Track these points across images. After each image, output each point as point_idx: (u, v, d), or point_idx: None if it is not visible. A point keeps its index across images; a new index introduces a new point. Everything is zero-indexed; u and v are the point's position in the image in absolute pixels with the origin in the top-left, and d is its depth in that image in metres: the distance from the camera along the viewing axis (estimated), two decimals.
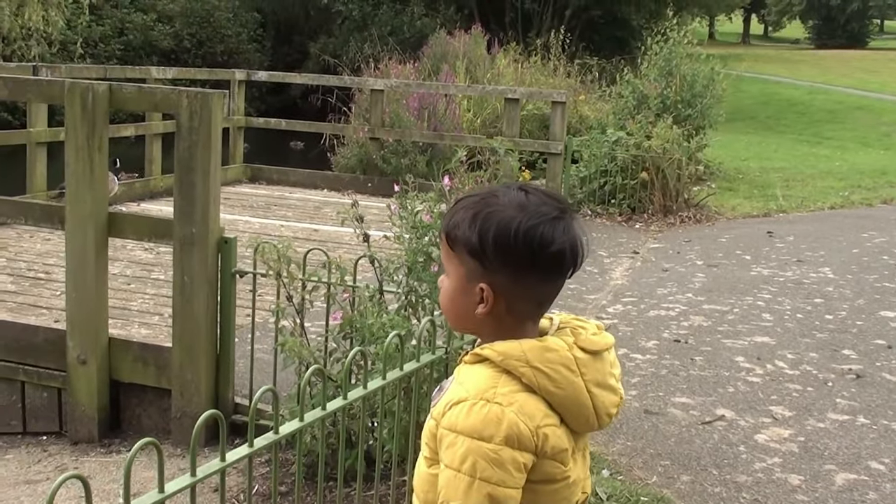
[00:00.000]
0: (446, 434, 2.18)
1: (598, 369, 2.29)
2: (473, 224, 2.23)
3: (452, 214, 2.31)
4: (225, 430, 3.15)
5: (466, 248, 2.23)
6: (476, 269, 2.24)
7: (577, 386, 2.23)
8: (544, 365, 2.20)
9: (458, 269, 2.27)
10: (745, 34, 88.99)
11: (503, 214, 2.22)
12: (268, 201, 14.15)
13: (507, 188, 2.30)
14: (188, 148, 5.82)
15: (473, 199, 2.30)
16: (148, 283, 8.89)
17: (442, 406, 2.23)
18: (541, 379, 2.19)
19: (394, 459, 4.28)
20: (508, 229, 2.19)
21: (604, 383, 2.29)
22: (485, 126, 19.09)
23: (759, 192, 16.96)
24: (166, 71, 15.35)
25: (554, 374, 2.20)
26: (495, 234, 2.20)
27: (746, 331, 8.31)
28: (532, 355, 2.21)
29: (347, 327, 5.13)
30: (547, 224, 2.21)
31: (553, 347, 2.23)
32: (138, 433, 6.44)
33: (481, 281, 2.24)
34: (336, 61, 27.22)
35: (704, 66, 17.97)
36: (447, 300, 2.34)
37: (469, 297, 2.27)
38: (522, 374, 2.19)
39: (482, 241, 2.21)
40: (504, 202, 2.25)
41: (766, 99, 37.60)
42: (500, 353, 2.22)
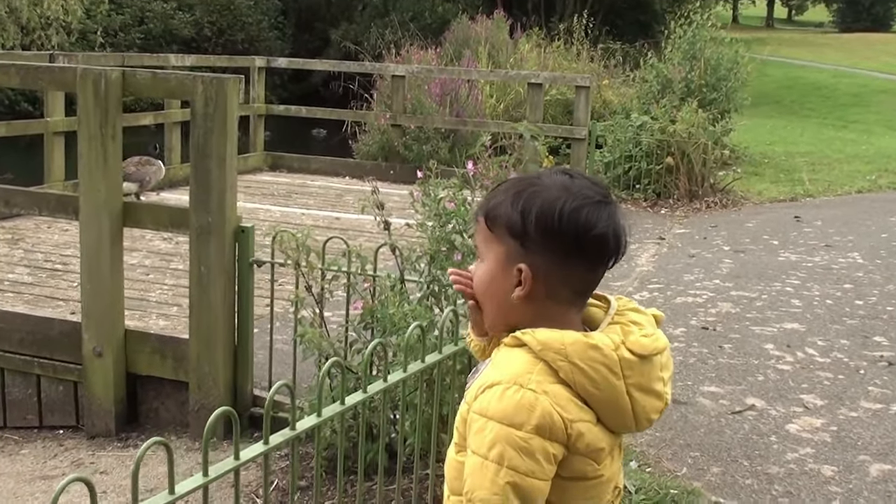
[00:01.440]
0: (476, 419, 2.10)
1: (645, 373, 2.18)
2: (516, 202, 2.17)
3: (493, 195, 2.25)
4: (238, 428, 3.02)
5: (507, 226, 2.17)
6: (516, 249, 2.17)
7: (617, 389, 2.13)
8: (584, 362, 2.10)
9: (497, 250, 2.20)
10: (769, 18, 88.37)
11: (547, 194, 2.16)
12: (289, 189, 14.03)
13: (551, 171, 2.24)
14: (203, 135, 5.68)
15: (516, 181, 2.25)
16: (167, 273, 8.78)
17: (475, 389, 2.15)
18: (578, 376, 2.10)
19: (416, 453, 4.16)
20: (553, 209, 2.13)
21: (648, 388, 2.19)
22: (508, 111, 18.95)
23: (786, 177, 16.78)
24: (185, 58, 15.21)
25: (594, 374, 2.11)
26: (538, 213, 2.14)
27: (775, 317, 8.17)
28: (573, 350, 2.11)
29: (368, 317, 5.00)
30: (591, 207, 2.15)
31: (598, 346, 2.13)
32: (156, 427, 6.35)
33: (520, 262, 2.16)
34: (357, 48, 27.07)
35: (729, 50, 17.82)
36: (483, 285, 2.25)
37: (506, 280, 2.19)
38: (560, 368, 2.10)
39: (524, 220, 2.15)
40: (548, 183, 2.19)
41: (791, 83, 37.35)
42: (540, 342, 2.12)
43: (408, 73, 15.85)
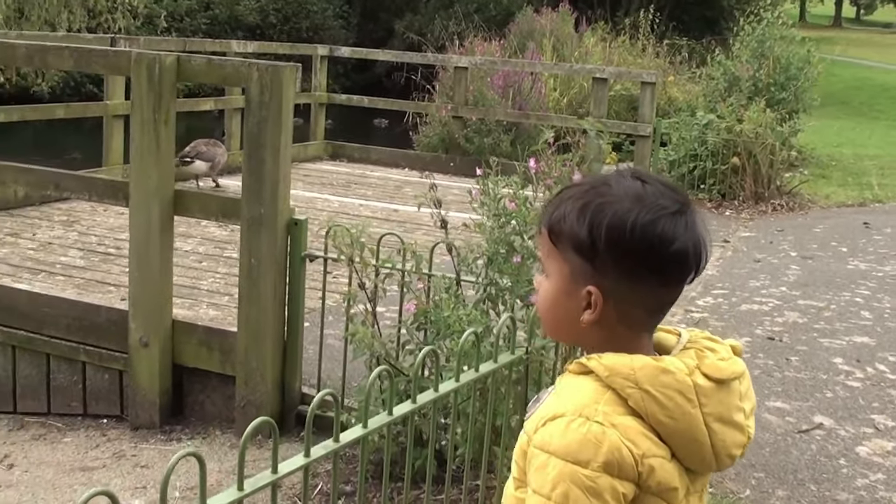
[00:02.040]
0: (536, 454, 1.89)
1: (723, 401, 1.97)
2: (582, 216, 1.94)
3: (557, 205, 2.01)
4: (277, 439, 2.82)
5: (573, 243, 1.95)
6: (583, 268, 1.96)
7: (693, 419, 1.92)
8: (656, 389, 1.90)
9: (562, 267, 1.99)
10: (837, 17, 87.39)
11: (617, 206, 1.93)
12: (348, 179, 13.86)
13: (621, 176, 2.00)
14: (257, 123, 5.50)
15: (582, 189, 2.00)
16: (220, 261, 8.62)
17: (536, 420, 1.95)
18: (650, 404, 1.89)
19: (466, 464, 3.97)
20: (624, 223, 1.91)
21: (727, 419, 1.97)
22: (571, 106, 18.80)
23: (854, 180, 16.47)
24: (247, 45, 15.09)
25: (666, 402, 1.90)
26: (608, 229, 1.91)
27: (844, 329, 7.89)
28: (643, 375, 1.90)
29: (422, 318, 4.81)
30: (667, 219, 1.93)
31: (670, 370, 1.92)
32: (201, 420, 6.20)
33: (589, 283, 1.95)
34: (421, 39, 26.96)
35: (800, 49, 17.50)
36: (547, 304, 2.05)
37: (573, 302, 1.98)
38: (629, 396, 1.90)
39: (593, 237, 1.92)
40: (618, 192, 1.95)
41: (859, 84, 36.85)
42: (607, 368, 1.92)
43: (470, 64, 15.66)
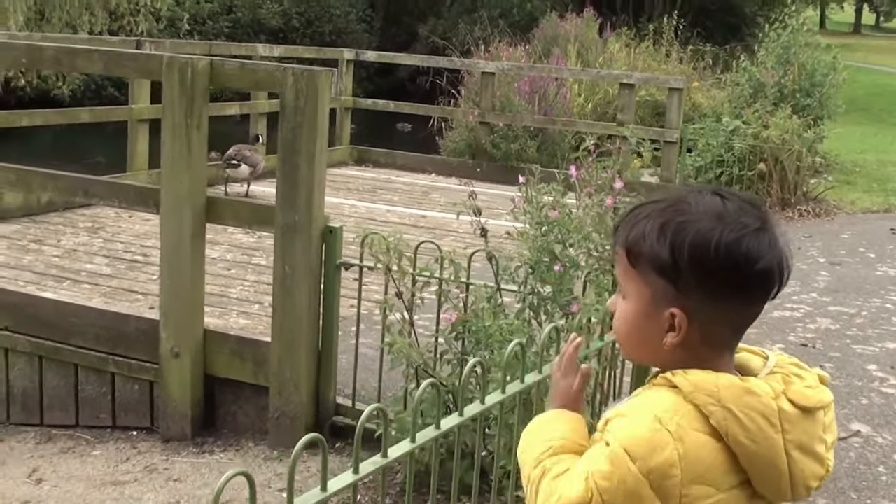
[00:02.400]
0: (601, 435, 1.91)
1: (806, 430, 1.91)
2: (663, 236, 1.89)
3: (633, 224, 1.95)
4: (326, 456, 2.73)
5: (654, 265, 1.90)
6: (666, 290, 1.91)
7: (774, 444, 1.87)
8: (739, 409, 1.85)
9: (642, 290, 1.94)
10: (857, 23, 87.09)
11: (699, 225, 1.88)
12: (374, 185, 13.77)
13: (700, 193, 1.95)
14: (292, 129, 5.42)
15: (659, 207, 1.94)
16: (248, 268, 8.53)
17: (612, 412, 1.94)
18: (732, 424, 1.84)
19: (511, 478, 3.89)
20: (707, 243, 1.86)
21: (809, 448, 1.92)
22: (595, 111, 18.72)
23: (879, 186, 16.44)
24: (273, 49, 15.05)
25: (749, 423, 1.85)
26: (691, 249, 1.87)
27: (877, 336, 7.87)
28: (727, 394, 1.86)
29: (460, 328, 4.73)
30: (751, 237, 1.88)
31: (755, 391, 1.88)
32: (233, 432, 6.10)
33: (672, 305, 1.90)
34: (445, 43, 26.87)
35: (825, 55, 17.43)
36: (627, 327, 1.99)
37: (655, 324, 1.93)
38: (711, 414, 1.85)
39: (675, 258, 1.88)
40: (698, 210, 1.90)
41: (879, 90, 36.66)
42: (692, 384, 1.88)
43: (497, 70, 15.55)
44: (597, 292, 4.43)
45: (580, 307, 4.28)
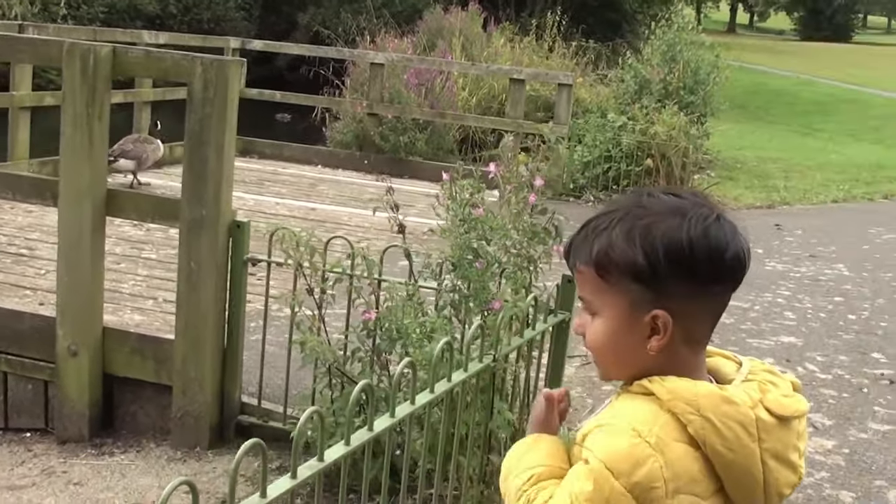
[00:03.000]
0: (580, 451, 1.88)
1: (781, 439, 1.90)
2: (632, 242, 1.86)
3: (592, 239, 1.92)
4: (266, 462, 2.62)
5: (629, 272, 1.87)
6: (643, 294, 1.87)
7: (750, 453, 1.86)
8: (717, 418, 1.83)
9: (618, 301, 1.90)
10: (732, 23, 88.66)
11: (664, 224, 1.87)
12: (260, 177, 13.55)
13: (650, 195, 1.94)
14: (200, 121, 5.24)
15: (616, 216, 1.91)
16: (139, 262, 8.31)
17: (587, 426, 1.91)
18: (709, 433, 1.82)
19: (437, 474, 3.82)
20: (679, 240, 1.85)
21: (783, 457, 1.91)
22: (480, 105, 18.71)
23: (760, 183, 16.85)
24: (158, 36, 14.73)
25: (726, 433, 1.83)
26: (665, 248, 1.85)
27: (770, 330, 8.06)
28: (706, 403, 1.84)
29: (372, 325, 4.63)
30: (716, 226, 1.87)
31: (734, 400, 1.86)
32: (133, 433, 5.89)
33: (653, 308, 1.87)
34: (330, 32, 26.63)
35: (708, 54, 17.69)
36: (606, 342, 1.94)
37: (636, 332, 1.90)
38: (689, 422, 1.83)
39: (651, 260, 1.85)
40: (657, 210, 1.89)
41: (755, 89, 37.48)
42: (670, 392, 1.86)
43: (387, 61, 15.45)
44: (514, 289, 4.39)
45: (502, 304, 4.22)
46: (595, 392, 6.34)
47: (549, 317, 4.65)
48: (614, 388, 5.68)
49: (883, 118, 31.59)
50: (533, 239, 4.50)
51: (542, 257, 4.58)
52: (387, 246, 4.98)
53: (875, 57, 55.78)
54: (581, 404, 6.12)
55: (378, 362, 4.75)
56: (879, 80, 42.67)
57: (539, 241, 4.53)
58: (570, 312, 4.85)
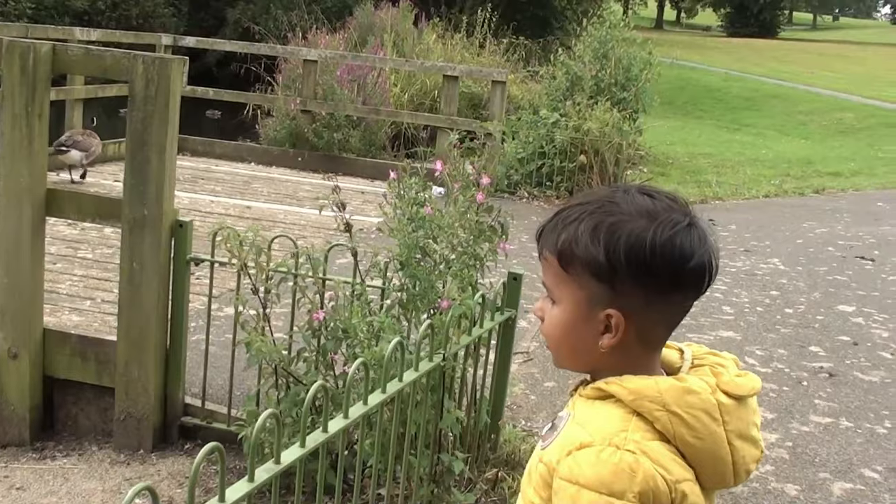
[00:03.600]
0: (565, 486, 1.80)
1: (742, 417, 1.90)
2: (595, 238, 1.84)
3: (560, 228, 1.90)
4: (224, 467, 2.60)
5: (589, 268, 1.85)
6: (601, 292, 1.85)
7: (717, 437, 1.86)
8: (683, 410, 1.83)
9: (576, 294, 1.88)
10: (659, 19, 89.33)
11: (632, 225, 1.84)
12: (194, 174, 13.45)
13: (626, 192, 1.90)
14: (142, 119, 5.16)
15: (587, 209, 1.89)
16: (75, 262, 8.21)
17: (558, 450, 1.85)
18: (678, 426, 1.82)
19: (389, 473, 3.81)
20: (642, 243, 1.82)
21: (746, 434, 1.91)
22: (412, 101, 18.70)
23: (692, 178, 16.98)
24: (90, 32, 14.60)
25: (694, 422, 1.83)
26: (627, 250, 1.82)
27: (709, 324, 8.12)
28: (670, 397, 1.83)
29: (316, 325, 4.61)
30: (684, 234, 1.84)
31: (695, 389, 1.86)
32: (74, 435, 5.80)
33: (608, 306, 1.86)
34: (260, 28, 26.48)
35: (641, 50, 17.78)
36: (560, 332, 1.93)
37: (590, 327, 1.88)
38: (656, 420, 1.82)
39: (611, 259, 1.83)
40: (628, 210, 1.86)
41: (683, 84, 37.80)
42: (632, 392, 1.84)
43: (320, 57, 15.38)
44: (461, 287, 4.38)
45: (450, 303, 4.21)
46: (538, 388, 6.36)
47: (496, 314, 4.65)
48: (557, 384, 5.69)
49: (809, 113, 32.05)
50: (479, 237, 4.49)
51: (489, 255, 4.57)
52: (330, 245, 4.96)
53: (800, 53, 56.47)
54: (524, 401, 6.14)
55: (323, 362, 4.72)
56: (804, 75, 43.22)
57: (485, 239, 4.52)
58: (516, 310, 4.86)
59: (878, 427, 6.20)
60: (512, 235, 4.63)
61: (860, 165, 20.37)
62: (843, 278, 10.17)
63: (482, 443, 4.93)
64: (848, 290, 9.65)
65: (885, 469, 5.60)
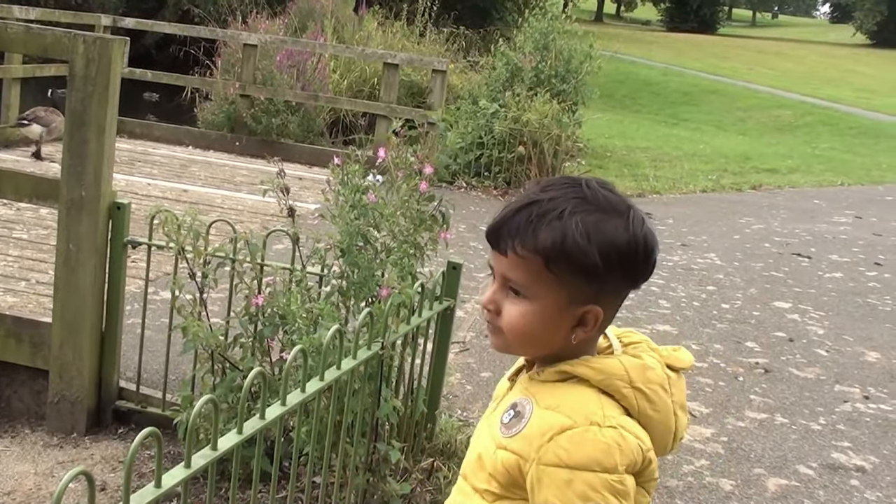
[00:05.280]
0: (552, 471, 1.82)
1: (682, 389, 2.03)
2: (584, 238, 1.83)
3: (539, 226, 1.85)
4: (161, 451, 2.57)
5: (579, 267, 1.84)
6: (584, 289, 1.87)
7: (669, 409, 1.97)
8: (645, 385, 1.92)
9: (556, 291, 1.87)
10: (599, 12, 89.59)
11: (613, 223, 1.86)
12: (131, 156, 13.32)
13: (588, 186, 1.90)
14: (82, 100, 5.08)
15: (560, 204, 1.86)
16: (10, 243, 8.09)
17: (536, 439, 1.85)
18: (641, 401, 1.92)
19: (326, 463, 3.79)
20: (630, 240, 1.88)
21: (683, 405, 2.03)
22: (352, 88, 18.64)
23: (629, 171, 17.07)
24: (29, 11, 14.41)
25: (653, 396, 1.93)
26: (619, 249, 1.85)
27: (646, 318, 8.17)
28: (634, 374, 1.92)
29: (254, 310, 4.58)
30: (648, 227, 1.92)
31: (651, 366, 1.95)
32: (7, 418, 5.70)
33: (589, 302, 1.87)
34: (200, 11, 26.28)
35: (582, 43, 17.83)
36: (530, 328, 1.91)
37: (564, 321, 1.90)
38: (624, 397, 1.90)
39: (605, 259, 1.84)
40: (602, 206, 1.88)
41: (622, 78, 38.00)
42: (601, 372, 1.90)
43: (260, 42, 15.27)
44: (400, 276, 4.37)
45: (389, 291, 4.20)
46: (474, 378, 6.37)
47: (435, 304, 4.65)
48: (492, 374, 5.69)
49: (747, 109, 32.38)
50: (420, 226, 4.48)
51: (429, 244, 4.56)
52: (269, 230, 4.92)
53: (738, 49, 56.89)
54: (460, 391, 6.15)
55: (260, 348, 4.69)
56: (742, 71, 43.57)
57: (426, 228, 4.51)
58: (455, 300, 4.86)
59: (813, 423, 6.26)
60: (450, 225, 4.63)
61: (797, 162, 20.62)
62: (779, 275, 10.29)
63: (418, 432, 4.92)
64: (784, 287, 9.76)
65: (820, 465, 5.66)
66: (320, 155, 13.86)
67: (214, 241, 4.95)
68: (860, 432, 6.19)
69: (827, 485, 5.44)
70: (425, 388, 4.93)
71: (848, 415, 6.46)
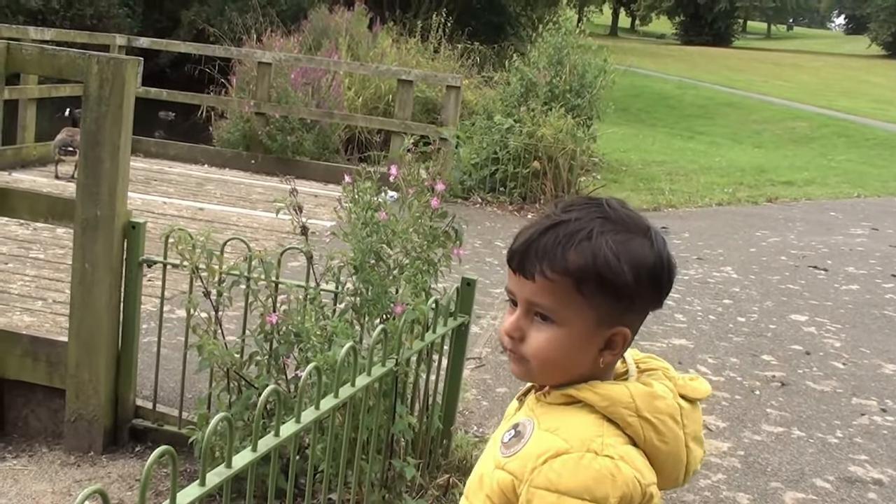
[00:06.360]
0: (542, 494, 1.78)
1: (696, 420, 1.95)
2: (617, 260, 1.79)
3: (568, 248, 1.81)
4: (176, 470, 2.58)
5: (610, 289, 1.80)
6: (613, 310, 1.83)
7: (679, 440, 1.90)
8: (653, 415, 1.85)
9: (586, 314, 1.82)
10: (614, 26, 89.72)
11: (639, 243, 1.84)
12: (147, 175, 13.35)
13: (608, 205, 1.87)
14: (96, 120, 5.11)
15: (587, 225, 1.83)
16: (27, 262, 8.13)
17: (531, 459, 1.82)
18: (648, 431, 1.85)
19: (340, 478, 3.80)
20: (659, 261, 1.85)
21: (698, 436, 1.96)
22: (366, 105, 18.66)
23: (645, 185, 17.01)
24: (44, 32, 14.51)
25: (662, 427, 1.86)
26: (649, 268, 1.83)
27: (662, 332, 8.14)
28: (641, 403, 1.85)
29: (268, 328, 4.59)
30: (667, 246, 1.89)
31: (661, 395, 1.88)
32: (25, 437, 5.74)
33: (617, 324, 1.84)
34: (214, 30, 26.37)
35: (596, 57, 17.83)
36: (560, 353, 1.86)
37: (593, 345, 1.85)
38: (628, 425, 1.83)
39: (637, 279, 1.81)
40: (625, 224, 1.85)
41: (637, 91, 37.92)
42: (605, 398, 1.84)
43: (274, 60, 15.31)
44: (414, 292, 4.38)
45: (404, 308, 4.21)
46: (490, 394, 6.36)
47: (449, 320, 4.66)
48: (508, 390, 5.69)
49: (763, 122, 32.30)
50: (433, 242, 4.49)
51: (442, 260, 4.57)
52: (282, 248, 4.94)
53: (753, 61, 56.86)
54: (476, 406, 6.14)
55: (275, 366, 4.70)
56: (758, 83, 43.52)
57: (439, 245, 4.52)
58: (469, 316, 4.87)
59: (830, 437, 6.24)
60: (465, 241, 4.63)
61: (813, 175, 20.55)
62: (795, 287, 10.24)
63: (434, 448, 4.93)
64: (800, 300, 9.72)
65: (837, 479, 5.63)
66: (336, 172, 13.85)
67: (230, 258, 4.98)
68: (877, 445, 6.16)
69: (844, 498, 5.41)
70: (441, 405, 4.93)
71: (865, 428, 6.43)
